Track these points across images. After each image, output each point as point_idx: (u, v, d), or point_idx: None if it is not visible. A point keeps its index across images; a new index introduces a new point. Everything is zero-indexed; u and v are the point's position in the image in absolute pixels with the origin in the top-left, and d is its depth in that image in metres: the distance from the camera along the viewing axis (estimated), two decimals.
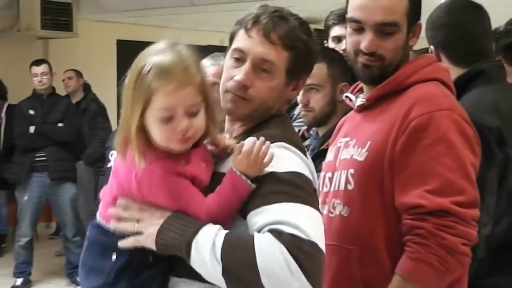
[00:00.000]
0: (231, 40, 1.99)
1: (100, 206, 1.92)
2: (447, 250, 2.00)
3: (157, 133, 1.79)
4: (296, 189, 1.77)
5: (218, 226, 1.74)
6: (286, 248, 1.65)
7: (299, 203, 1.74)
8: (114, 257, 1.84)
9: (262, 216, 1.73)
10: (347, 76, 2.88)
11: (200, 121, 1.82)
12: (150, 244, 1.78)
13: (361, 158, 2.17)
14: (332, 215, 2.24)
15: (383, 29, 2.18)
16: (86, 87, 8.19)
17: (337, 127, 2.47)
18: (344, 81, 2.94)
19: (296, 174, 1.80)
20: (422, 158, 2.06)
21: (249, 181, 1.78)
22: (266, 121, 1.95)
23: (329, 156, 2.36)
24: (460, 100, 2.44)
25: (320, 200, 2.23)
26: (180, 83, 1.77)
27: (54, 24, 9.10)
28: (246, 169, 1.78)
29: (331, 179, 2.28)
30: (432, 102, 2.12)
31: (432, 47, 2.60)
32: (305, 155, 1.91)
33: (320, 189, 2.28)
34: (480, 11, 2.65)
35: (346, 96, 2.39)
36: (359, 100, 2.30)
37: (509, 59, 2.87)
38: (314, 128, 3.15)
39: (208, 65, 3.88)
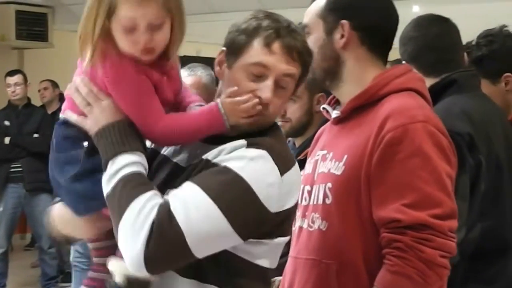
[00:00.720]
0: (236, 51, 1.95)
1: (66, 101, 1.98)
2: (426, 263, 2.00)
3: (120, 41, 1.84)
4: (225, 188, 1.81)
5: (138, 159, 1.83)
6: (157, 211, 1.75)
7: (210, 198, 1.78)
8: (85, 143, 1.89)
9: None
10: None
11: (163, 35, 1.84)
12: (91, 133, 1.87)
13: (338, 172, 2.17)
14: (311, 229, 2.23)
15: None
16: (62, 98, 8.16)
17: (315, 137, 2.47)
18: (321, 92, 2.95)
19: (240, 179, 1.81)
20: (398, 172, 2.06)
21: (227, 123, 1.86)
22: (264, 131, 1.95)
23: (308, 168, 2.36)
24: (433, 109, 2.46)
25: (299, 213, 2.25)
26: None
27: (29, 34, 9.08)
28: (230, 113, 1.86)
29: (310, 193, 2.28)
30: (406, 114, 2.11)
31: (403, 62, 2.62)
32: (288, 171, 1.90)
33: (300, 202, 2.28)
34: (447, 23, 2.71)
35: (323, 108, 2.39)
36: (335, 113, 2.31)
37: (481, 71, 2.90)
38: (290, 139, 3.15)
39: (185, 75, 3.88)
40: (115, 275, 1.83)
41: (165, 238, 1.74)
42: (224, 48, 1.97)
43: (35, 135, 7.06)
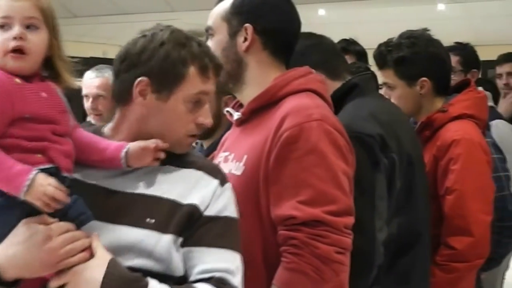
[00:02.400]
0: (171, 82, 1.90)
1: None
2: (321, 259, 2.03)
3: None
4: (235, 236, 1.91)
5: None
6: None
7: (236, 251, 1.89)
8: None
9: (207, 259, 1.84)
10: None
11: (38, 39, 1.76)
12: None
13: (239, 172, 2.19)
14: None
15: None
16: None
17: (221, 140, 2.48)
18: (229, 94, 2.96)
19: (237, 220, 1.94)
20: (294, 169, 2.09)
21: (125, 164, 1.86)
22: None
23: None
24: (340, 112, 2.50)
25: None
26: None
27: None
28: (139, 157, 1.86)
29: None
30: (303, 113, 2.14)
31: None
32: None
33: None
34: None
35: (227, 111, 2.40)
36: (236, 114, 2.32)
37: (399, 72, 2.96)
38: (198, 141, 3.15)
39: (92, 77, 3.83)
40: None
41: None
42: (144, 78, 1.89)
43: None
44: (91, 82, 3.81)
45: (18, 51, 1.73)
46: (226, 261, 1.86)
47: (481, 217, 2.80)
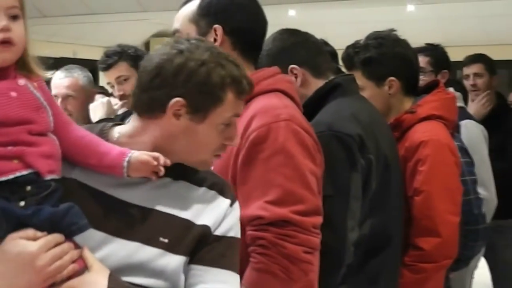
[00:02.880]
0: (208, 106, 1.80)
1: None
2: (289, 259, 2.04)
3: None
4: (235, 256, 1.89)
5: None
6: None
7: (235, 272, 1.87)
8: None
9: (207, 278, 1.81)
10: None
11: (20, 29, 1.66)
12: None
13: None
14: None
15: None
16: None
17: None
18: None
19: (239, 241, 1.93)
20: (262, 170, 2.10)
21: (126, 174, 1.76)
22: None
23: None
24: (321, 110, 2.52)
25: None
26: None
27: None
28: (138, 169, 1.77)
29: None
30: (271, 113, 2.15)
31: (295, 67, 2.64)
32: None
33: None
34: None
35: None
36: None
37: (367, 73, 2.98)
38: None
39: (61, 77, 3.81)
40: None
41: None
42: (180, 100, 1.78)
43: None
44: (60, 82, 3.79)
45: (6, 42, 1.65)
46: (226, 283, 1.83)
47: (448, 218, 2.83)
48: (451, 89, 3.73)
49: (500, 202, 4.21)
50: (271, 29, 2.75)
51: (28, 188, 1.63)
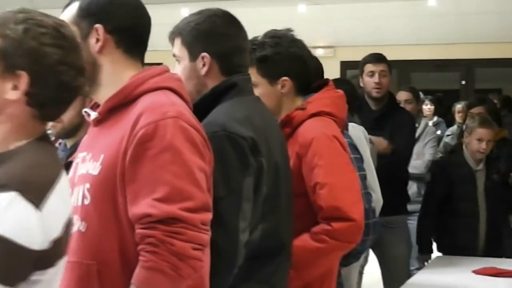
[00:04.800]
0: None
1: None
2: (178, 256, 2.04)
3: None
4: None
5: None
6: None
7: None
8: None
9: None
10: None
11: None
12: None
13: (95, 172, 2.17)
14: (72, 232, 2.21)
15: None
16: None
17: (82, 141, 2.45)
18: None
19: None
20: (150, 167, 2.09)
21: None
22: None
23: (70, 172, 2.33)
24: (215, 109, 2.51)
25: None
26: None
27: None
28: None
29: (70, 195, 2.26)
30: (158, 111, 2.14)
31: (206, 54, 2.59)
32: (46, 198, 1.80)
33: None
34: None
35: (85, 111, 2.38)
36: (93, 114, 2.31)
37: (261, 70, 3.00)
38: (61, 140, 3.10)
39: None
40: None
41: None
42: None
43: None
44: None
45: None
46: None
47: (356, 205, 2.86)
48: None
49: (388, 199, 4.33)
50: (164, 28, 2.73)
51: None
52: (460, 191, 5.21)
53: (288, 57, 3.02)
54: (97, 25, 2.25)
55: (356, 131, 4.09)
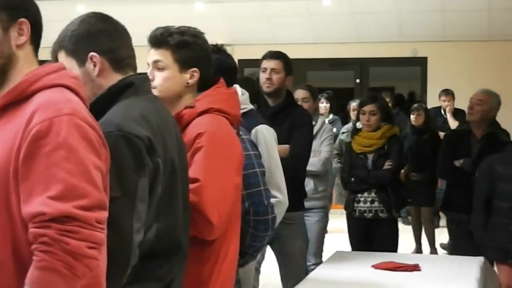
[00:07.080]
0: None
1: None
2: (72, 255, 2.01)
3: None
4: None
5: None
6: None
7: None
8: None
9: None
10: None
11: None
12: None
13: None
14: None
15: None
16: None
17: None
18: None
19: None
20: (44, 165, 2.06)
21: None
22: None
23: None
24: (111, 109, 2.49)
25: None
26: None
27: None
28: None
29: None
30: (53, 108, 2.12)
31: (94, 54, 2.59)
32: None
33: None
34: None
35: None
36: None
37: (177, 55, 3.01)
38: None
39: None
40: None
41: None
42: None
43: None
44: None
45: None
46: None
47: (218, 205, 2.87)
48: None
49: (288, 196, 4.38)
50: (59, 25, 2.70)
51: None
52: None
53: (204, 51, 3.08)
54: (22, 19, 2.22)
55: (266, 136, 4.13)
